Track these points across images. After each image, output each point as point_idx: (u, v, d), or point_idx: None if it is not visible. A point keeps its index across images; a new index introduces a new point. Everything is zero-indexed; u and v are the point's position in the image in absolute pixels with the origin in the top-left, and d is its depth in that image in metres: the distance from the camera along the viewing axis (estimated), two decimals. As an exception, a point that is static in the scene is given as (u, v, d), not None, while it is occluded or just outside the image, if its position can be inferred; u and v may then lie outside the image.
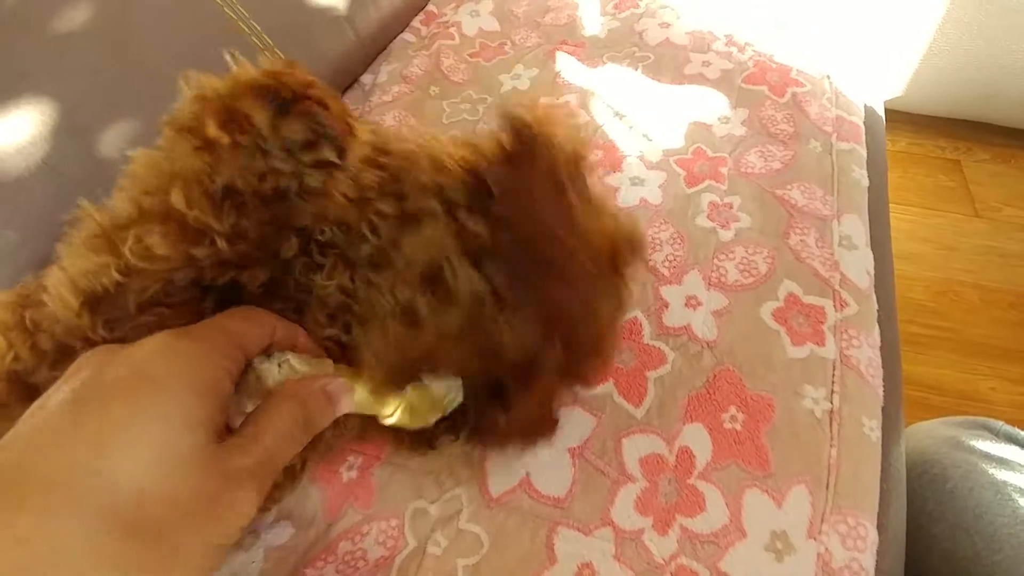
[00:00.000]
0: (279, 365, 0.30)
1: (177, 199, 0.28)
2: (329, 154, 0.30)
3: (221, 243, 0.29)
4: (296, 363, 0.31)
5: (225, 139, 0.28)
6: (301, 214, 0.31)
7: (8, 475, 0.21)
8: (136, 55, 0.47)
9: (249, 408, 0.29)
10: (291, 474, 0.44)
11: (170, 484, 0.22)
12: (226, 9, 0.56)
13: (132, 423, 0.22)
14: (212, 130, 0.28)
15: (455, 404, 0.38)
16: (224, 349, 0.27)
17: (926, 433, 0.62)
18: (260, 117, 0.29)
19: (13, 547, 0.19)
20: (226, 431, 0.26)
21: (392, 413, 0.35)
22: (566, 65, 0.75)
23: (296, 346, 0.32)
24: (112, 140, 0.50)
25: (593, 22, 0.83)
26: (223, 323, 0.29)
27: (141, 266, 0.28)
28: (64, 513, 0.20)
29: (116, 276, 0.28)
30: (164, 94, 0.30)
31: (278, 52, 0.67)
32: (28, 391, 0.31)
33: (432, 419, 0.37)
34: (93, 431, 0.22)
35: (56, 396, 0.24)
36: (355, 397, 0.33)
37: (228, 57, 0.31)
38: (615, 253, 0.36)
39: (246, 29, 0.59)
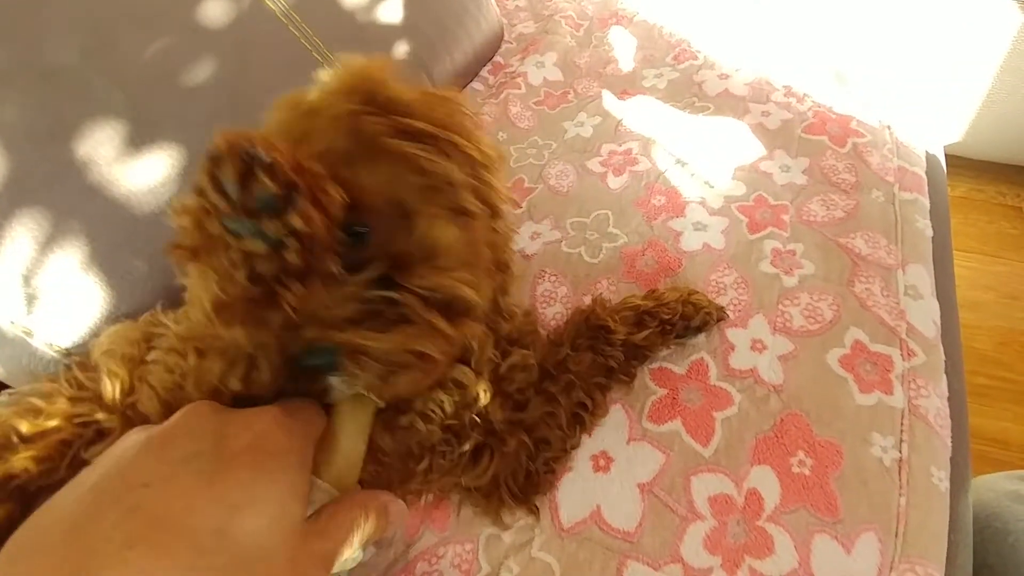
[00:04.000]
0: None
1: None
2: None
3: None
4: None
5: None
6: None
7: (145, 519, 0.23)
8: (250, 108, 0.53)
9: None
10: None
11: (275, 550, 0.24)
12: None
13: (257, 492, 0.25)
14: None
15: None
16: (311, 433, 0.30)
17: (987, 487, 0.61)
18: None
19: None
20: None
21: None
22: (628, 113, 0.79)
23: None
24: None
25: (652, 73, 0.87)
26: (302, 410, 0.31)
27: None
28: (188, 563, 0.22)
29: None
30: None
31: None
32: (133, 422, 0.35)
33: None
34: (223, 494, 0.24)
35: (177, 452, 0.26)
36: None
37: None
38: None
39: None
